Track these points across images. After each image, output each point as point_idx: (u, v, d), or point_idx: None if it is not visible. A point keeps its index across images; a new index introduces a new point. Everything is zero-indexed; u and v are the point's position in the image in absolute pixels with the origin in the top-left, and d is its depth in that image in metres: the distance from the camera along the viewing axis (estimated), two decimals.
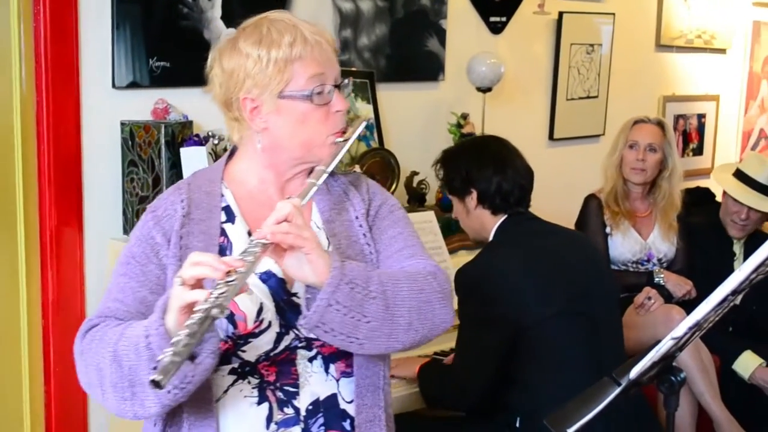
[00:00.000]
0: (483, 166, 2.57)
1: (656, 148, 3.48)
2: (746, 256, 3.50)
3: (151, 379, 1.29)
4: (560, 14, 4.03)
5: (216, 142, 2.67)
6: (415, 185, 3.32)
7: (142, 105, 2.69)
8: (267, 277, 1.60)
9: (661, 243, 3.51)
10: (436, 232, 3.08)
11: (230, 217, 1.65)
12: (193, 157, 2.56)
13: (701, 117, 4.98)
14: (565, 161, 4.14)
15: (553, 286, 2.43)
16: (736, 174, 3.59)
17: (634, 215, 3.52)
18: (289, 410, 1.61)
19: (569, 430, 1.46)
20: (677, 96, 4.82)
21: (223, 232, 1.63)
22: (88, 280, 2.67)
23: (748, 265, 1.35)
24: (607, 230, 3.47)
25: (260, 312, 1.58)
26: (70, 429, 2.69)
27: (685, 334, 1.46)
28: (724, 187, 3.62)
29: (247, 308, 1.57)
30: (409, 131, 3.48)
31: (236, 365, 1.59)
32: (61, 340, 2.60)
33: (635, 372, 1.48)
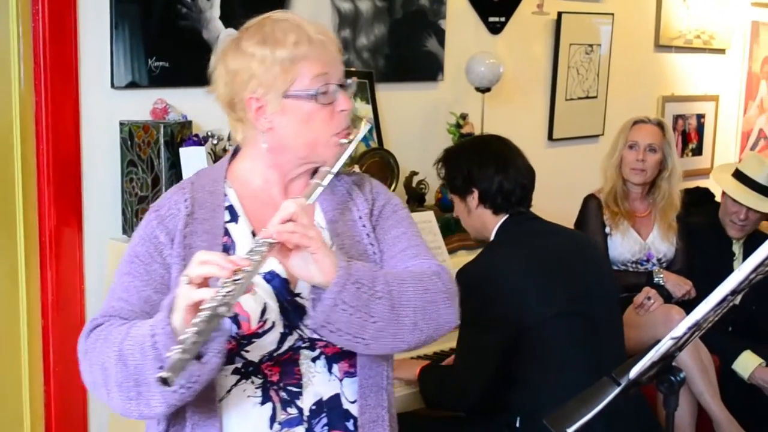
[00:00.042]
0: (484, 165, 2.56)
1: (656, 148, 3.48)
2: (745, 256, 3.51)
3: (159, 377, 1.29)
4: (559, 14, 4.03)
5: (215, 142, 2.67)
6: (414, 185, 3.32)
7: (141, 105, 2.69)
8: (271, 278, 1.60)
9: (661, 243, 3.51)
10: (435, 232, 3.08)
11: (234, 217, 1.65)
12: (192, 157, 2.56)
13: (700, 117, 4.98)
14: (564, 161, 4.14)
15: (554, 286, 2.43)
16: (735, 174, 3.59)
17: (633, 215, 3.51)
18: (293, 410, 1.61)
19: (569, 430, 1.46)
20: (676, 96, 4.82)
21: (226, 232, 1.63)
22: (88, 279, 2.67)
23: (747, 265, 1.35)
24: (607, 230, 3.46)
25: (264, 312, 1.58)
26: (69, 429, 2.69)
27: (685, 334, 1.46)
28: (724, 187, 3.62)
29: (251, 308, 1.56)
30: (408, 131, 3.48)
31: (239, 365, 1.59)
32: (60, 339, 2.61)
33: (635, 372, 1.48)
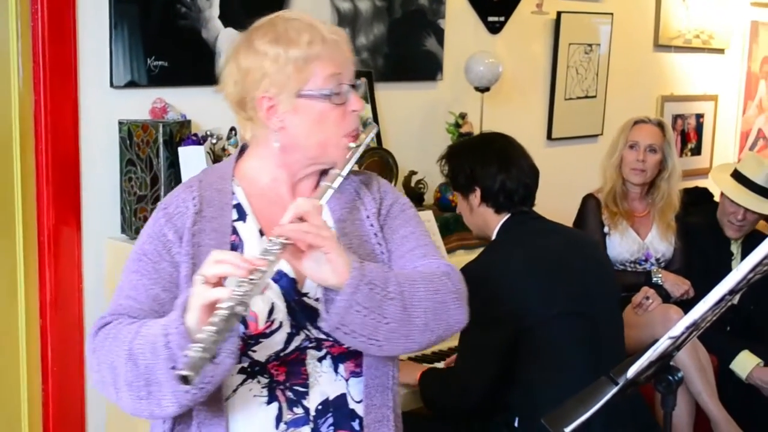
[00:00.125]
0: (487, 163, 2.55)
1: (656, 148, 3.48)
2: (744, 256, 3.50)
3: (179, 374, 1.27)
4: (558, 14, 4.03)
5: (214, 141, 2.67)
6: (413, 185, 3.32)
7: (140, 104, 2.69)
8: (278, 277, 1.59)
9: (659, 243, 3.51)
10: (434, 231, 3.08)
11: (241, 215, 1.64)
12: (191, 156, 2.56)
13: (699, 117, 4.98)
14: (563, 161, 4.14)
15: (556, 286, 2.42)
16: (734, 175, 3.58)
17: (632, 215, 3.51)
18: (299, 410, 1.61)
19: (566, 430, 1.46)
20: (675, 96, 4.82)
21: (234, 230, 1.62)
22: (86, 279, 2.67)
23: (745, 265, 1.35)
24: (605, 230, 3.47)
25: (271, 312, 1.57)
26: (67, 428, 2.69)
27: (683, 333, 1.46)
28: (722, 188, 3.61)
29: (259, 308, 1.55)
30: (407, 131, 3.48)
31: (246, 365, 1.58)
32: (59, 339, 2.61)
33: (633, 371, 1.48)
